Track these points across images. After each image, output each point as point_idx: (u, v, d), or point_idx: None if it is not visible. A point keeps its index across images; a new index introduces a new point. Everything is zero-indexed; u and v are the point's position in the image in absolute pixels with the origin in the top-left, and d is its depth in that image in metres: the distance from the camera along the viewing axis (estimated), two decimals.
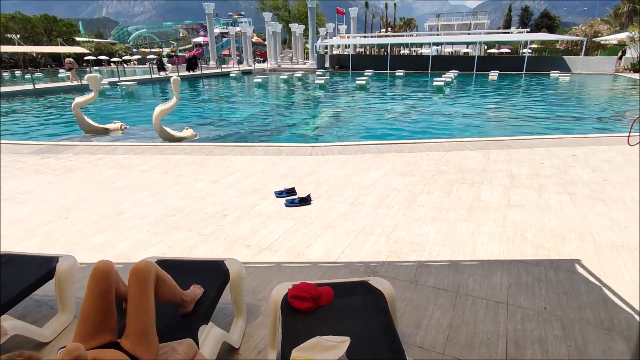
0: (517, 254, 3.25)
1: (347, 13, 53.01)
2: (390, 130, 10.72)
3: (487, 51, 51.21)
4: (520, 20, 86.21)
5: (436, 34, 58.04)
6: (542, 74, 31.04)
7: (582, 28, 47.32)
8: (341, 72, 36.95)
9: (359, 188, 4.86)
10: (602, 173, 5.40)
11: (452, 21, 73.01)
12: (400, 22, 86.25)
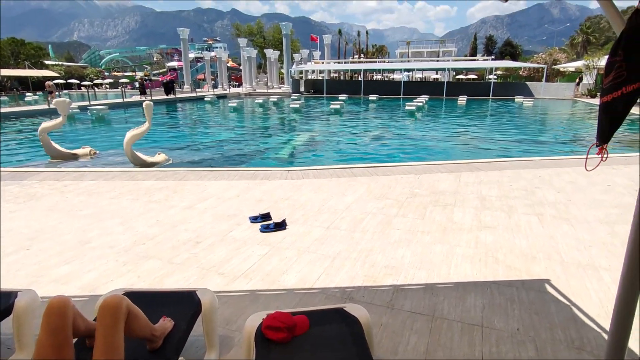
0: (489, 275, 3.30)
1: (321, 40, 54.49)
2: (364, 154, 10.89)
3: (455, 77, 53.42)
4: (485, 48, 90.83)
5: (407, 60, 60.27)
6: (507, 99, 32.56)
7: (542, 56, 50.28)
8: (316, 97, 37.57)
9: (334, 212, 4.87)
10: (566, 194, 5.63)
11: (421, 48, 76.17)
12: (372, 49, 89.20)
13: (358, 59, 68.69)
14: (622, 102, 1.40)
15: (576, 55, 51.56)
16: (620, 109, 1.42)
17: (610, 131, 1.51)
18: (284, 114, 23.59)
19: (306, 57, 52.85)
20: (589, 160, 1.78)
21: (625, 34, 1.38)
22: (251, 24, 68.05)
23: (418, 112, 22.33)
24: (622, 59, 1.37)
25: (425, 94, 32.92)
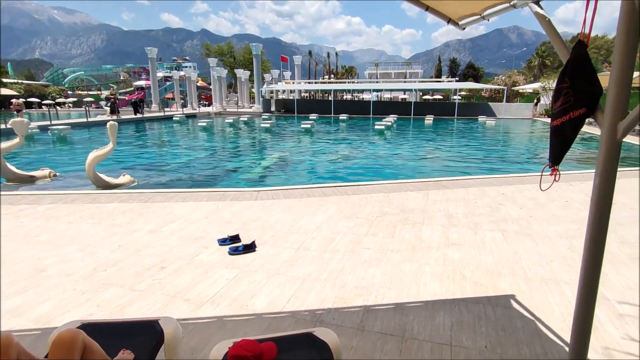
0: (457, 293, 3.35)
1: (292, 60, 55.22)
2: (335, 173, 10.96)
3: (422, 97, 55.21)
4: (450, 70, 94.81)
5: (376, 81, 61.93)
6: (471, 119, 33.88)
7: (502, 78, 52.90)
8: (287, 116, 37.76)
9: (304, 232, 4.83)
10: (528, 210, 5.85)
11: (389, 70, 78.53)
12: (342, 69, 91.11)
13: (328, 79, 69.94)
14: (570, 126, 1.48)
15: (533, 78, 54.62)
16: (569, 133, 1.50)
17: (561, 153, 1.59)
18: (254, 133, 23.52)
19: (277, 77, 53.32)
20: (544, 180, 1.86)
21: (570, 63, 1.47)
22: (221, 44, 68.16)
23: (387, 131, 22.83)
24: (569, 86, 1.46)
25: (394, 113, 33.81)
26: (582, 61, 1.45)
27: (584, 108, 1.44)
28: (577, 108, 1.45)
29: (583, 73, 1.44)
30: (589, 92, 1.44)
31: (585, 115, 1.46)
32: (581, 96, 1.44)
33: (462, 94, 50.96)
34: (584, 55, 1.45)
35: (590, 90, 1.44)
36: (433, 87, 50.18)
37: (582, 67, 1.44)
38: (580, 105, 1.44)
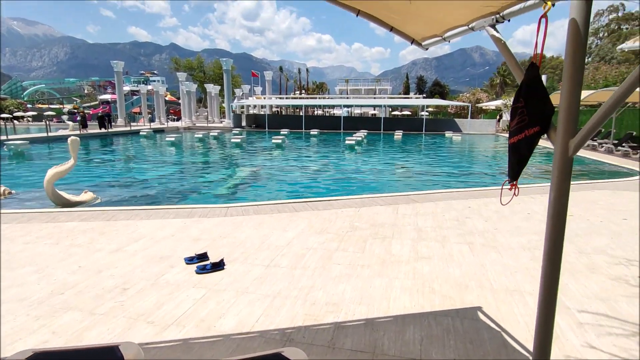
0: (427, 306, 3.38)
1: (262, 76, 55.40)
2: (306, 188, 10.95)
3: (391, 113, 56.55)
4: (417, 87, 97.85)
5: (346, 97, 62.98)
6: (438, 134, 34.96)
7: (467, 95, 55.15)
8: (258, 131, 37.64)
9: (275, 249, 4.77)
10: (493, 222, 6.04)
11: (359, 86, 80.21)
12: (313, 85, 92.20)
13: (299, 94, 70.52)
14: (526, 144, 1.56)
15: (495, 95, 57.26)
16: (525, 151, 1.57)
17: (519, 169, 1.65)
18: (224, 148, 23.24)
19: (247, 92, 53.24)
20: (505, 194, 1.92)
21: (524, 84, 1.55)
22: (191, 58, 67.56)
23: (358, 146, 23.14)
24: (523, 106, 1.54)
25: (364, 128, 34.39)
26: (535, 82, 1.53)
27: (537, 126, 1.52)
28: (531, 127, 1.52)
29: (536, 94, 1.52)
30: (541, 111, 1.52)
31: (539, 134, 1.53)
32: (535, 115, 1.52)
33: (429, 110, 52.62)
34: (537, 77, 1.53)
35: (542, 110, 1.52)
36: (402, 103, 51.54)
37: (534, 88, 1.52)
38: (534, 124, 1.52)
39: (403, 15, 2.15)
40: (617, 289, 3.83)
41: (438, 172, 14.58)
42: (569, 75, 1.42)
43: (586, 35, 1.38)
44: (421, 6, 1.89)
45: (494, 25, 1.84)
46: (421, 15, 2.09)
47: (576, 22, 1.36)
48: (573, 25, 1.37)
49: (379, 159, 18.54)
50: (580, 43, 1.39)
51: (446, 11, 1.93)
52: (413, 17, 2.16)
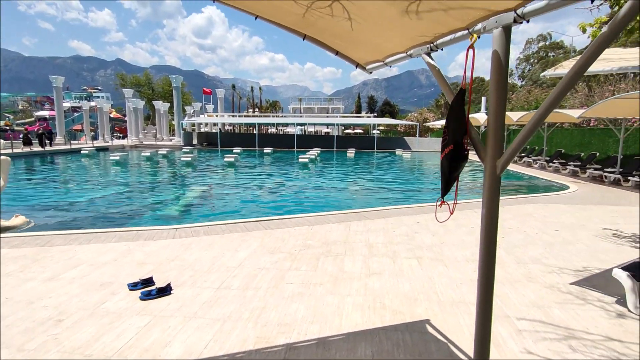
0: (377, 322, 3.43)
1: (215, 93, 54.68)
2: (259, 207, 10.83)
3: (344, 131, 57.86)
4: (368, 106, 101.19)
5: (300, 115, 63.63)
6: (389, 151, 36.17)
7: (415, 115, 57.81)
8: (210, 149, 36.87)
9: (226, 270, 4.65)
10: (440, 237, 6.30)
11: (312, 105, 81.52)
12: (266, 103, 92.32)
13: (252, 112, 70.25)
14: (446, 162, 1.69)
15: (441, 115, 60.49)
16: (446, 168, 1.70)
17: (445, 187, 1.78)
18: (174, 167, 22.48)
19: (199, 109, 52.21)
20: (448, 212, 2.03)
21: (450, 106, 1.68)
22: (138, 74, 65.33)
23: (311, 164, 23.34)
24: (446, 126, 1.68)
25: (317, 146, 34.85)
26: (456, 105, 1.68)
27: (451, 145, 1.65)
28: (448, 145, 1.66)
29: (454, 115, 1.66)
30: (455, 130, 1.66)
31: (453, 151, 1.67)
32: (452, 134, 1.66)
33: (380, 128, 54.49)
34: (459, 100, 1.67)
35: (455, 129, 1.66)
36: (354, 122, 52.98)
37: (455, 110, 1.66)
38: (450, 142, 1.66)
39: (346, 41, 2.25)
40: (551, 296, 4.12)
41: (389, 188, 15.02)
42: (494, 100, 1.55)
43: (507, 64, 1.52)
44: (362, 34, 1.99)
45: (429, 54, 1.97)
46: (363, 42, 2.20)
47: (498, 53, 1.50)
48: (495, 55, 1.51)
49: (332, 177, 18.79)
50: (503, 71, 1.53)
51: (385, 39, 2.05)
52: (356, 43, 2.26)
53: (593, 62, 1.23)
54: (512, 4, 1.39)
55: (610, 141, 17.32)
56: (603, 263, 5.18)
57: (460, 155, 1.68)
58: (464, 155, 1.69)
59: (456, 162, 1.68)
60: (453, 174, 1.72)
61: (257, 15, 2.22)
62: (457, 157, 1.67)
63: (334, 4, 1.68)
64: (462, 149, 1.67)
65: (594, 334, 3.33)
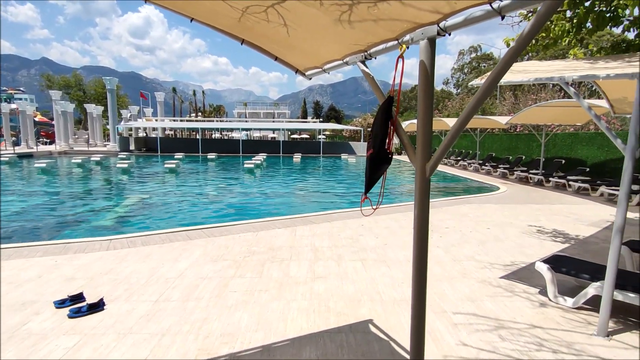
0: (322, 325, 3.46)
1: (153, 97, 52.23)
2: (202, 214, 10.49)
3: (290, 136, 57.90)
4: (314, 111, 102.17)
5: (245, 120, 62.70)
6: (335, 156, 36.76)
7: (359, 120, 59.26)
8: (149, 155, 35.11)
9: (165, 282, 4.44)
10: (383, 238, 6.50)
11: (258, 109, 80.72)
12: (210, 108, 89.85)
13: (195, 117, 68.08)
14: (370, 163, 1.79)
15: None
16: (367, 168, 1.81)
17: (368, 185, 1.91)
18: (109, 174, 21.12)
19: (136, 113, 49.57)
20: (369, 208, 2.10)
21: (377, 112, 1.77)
22: (67, 75, 60.69)
23: (257, 169, 23.07)
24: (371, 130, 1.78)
25: (263, 152, 34.54)
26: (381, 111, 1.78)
27: (371, 149, 1.76)
28: (369, 149, 1.77)
29: (378, 120, 1.75)
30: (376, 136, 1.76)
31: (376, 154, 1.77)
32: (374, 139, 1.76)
33: (326, 133, 55.18)
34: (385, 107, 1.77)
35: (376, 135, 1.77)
36: (300, 127, 53.18)
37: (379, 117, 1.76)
38: (371, 147, 1.76)
39: (284, 47, 2.26)
40: (483, 290, 4.41)
41: (335, 192, 15.25)
42: (422, 107, 1.64)
43: (432, 73, 1.62)
44: (299, 40, 2.02)
45: (364, 61, 2.04)
46: (300, 48, 2.22)
47: (424, 63, 1.59)
48: (422, 65, 1.60)
49: (278, 182, 18.70)
50: (429, 80, 1.62)
51: (321, 46, 2.10)
52: (293, 49, 2.29)
53: (505, 73, 1.35)
54: (434, 18, 1.48)
55: (534, 145, 18.96)
56: (528, 257, 5.64)
57: (381, 158, 1.78)
58: (384, 158, 1.79)
59: (378, 164, 1.78)
60: (374, 175, 1.82)
61: (192, 18, 2.17)
62: (380, 160, 1.77)
63: (269, 9, 1.69)
64: (381, 152, 1.77)
65: (520, 323, 3.61)
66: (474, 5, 1.30)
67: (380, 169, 1.79)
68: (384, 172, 1.84)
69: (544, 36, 6.27)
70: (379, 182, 1.92)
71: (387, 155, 1.77)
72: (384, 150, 1.75)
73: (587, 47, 8.25)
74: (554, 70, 4.21)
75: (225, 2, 1.68)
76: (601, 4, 5.39)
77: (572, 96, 3.65)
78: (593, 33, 5.88)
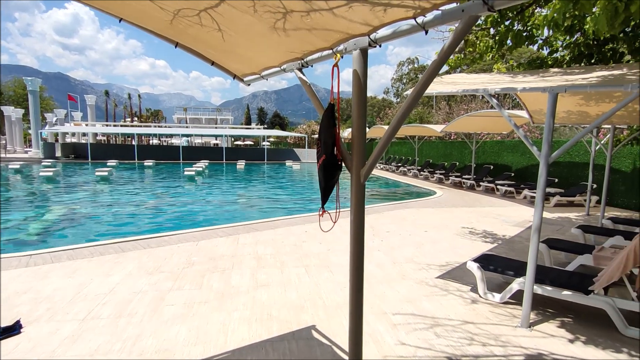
0: (264, 334, 3.41)
1: (83, 100, 48.73)
2: (137, 225, 9.91)
3: (234, 143, 56.82)
4: (258, 118, 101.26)
5: (185, 126, 60.52)
6: (279, 163, 36.64)
7: (304, 127, 59.69)
8: (78, 163, 32.59)
9: (94, 298, 4.13)
10: (327, 244, 6.56)
11: (199, 115, 78.33)
12: (147, 112, 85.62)
13: (131, 122, 64.48)
14: (322, 171, 1.79)
15: None
16: (321, 177, 1.81)
17: (324, 196, 1.87)
18: (30, 184, 19.28)
19: (63, 117, 45.88)
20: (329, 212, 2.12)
21: (322, 119, 1.79)
22: None
23: (198, 176, 22.32)
24: (319, 137, 1.78)
25: (205, 159, 33.53)
26: (327, 118, 1.79)
27: (324, 155, 1.77)
28: (321, 155, 1.77)
29: (325, 128, 1.77)
30: (326, 142, 1.78)
31: (326, 161, 1.79)
32: (325, 145, 1.77)
33: (270, 140, 54.88)
34: (329, 114, 1.79)
35: (326, 141, 1.78)
36: (244, 133, 52.39)
37: (326, 123, 1.78)
38: (323, 153, 1.77)
39: (220, 52, 2.22)
40: (421, 290, 4.61)
41: (279, 199, 15.17)
42: (356, 115, 1.69)
43: (365, 82, 1.68)
44: (235, 46, 2.00)
45: (301, 69, 2.07)
46: (237, 54, 2.20)
47: (357, 72, 1.65)
48: (355, 74, 1.66)
49: (221, 189, 18.22)
50: (362, 88, 1.68)
51: (258, 52, 2.09)
52: (230, 55, 2.26)
53: (429, 84, 1.44)
54: (365, 30, 1.54)
55: (466, 152, 20.28)
56: (461, 257, 6.00)
57: (333, 164, 1.79)
58: (338, 164, 1.81)
59: (330, 171, 1.79)
60: (329, 182, 1.82)
61: (121, 18, 2.06)
62: (331, 166, 1.78)
63: (202, 13, 1.65)
64: (334, 158, 1.78)
65: (454, 320, 3.82)
66: (400, 20, 1.37)
67: (334, 175, 1.80)
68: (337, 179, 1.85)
69: (471, 51, 6.76)
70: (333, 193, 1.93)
71: (337, 161, 1.78)
72: (334, 156, 1.76)
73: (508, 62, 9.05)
74: (479, 83, 4.55)
75: (154, 2, 1.62)
76: (519, 23, 5.93)
77: (495, 107, 3.97)
78: (513, 50, 6.46)
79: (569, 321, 3.87)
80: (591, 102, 5.71)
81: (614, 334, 3.61)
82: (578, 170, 13.19)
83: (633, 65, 5.22)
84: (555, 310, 4.11)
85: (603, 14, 3.09)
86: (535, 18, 6.09)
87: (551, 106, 3.33)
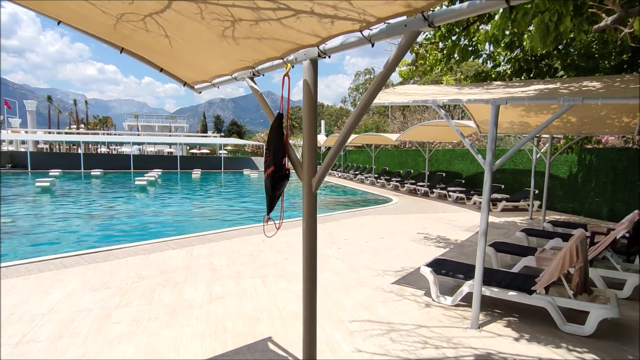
0: (219, 349, 3.31)
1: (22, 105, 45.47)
2: (81, 239, 9.33)
3: (189, 151, 55.19)
4: (215, 126, 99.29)
5: (137, 133, 58.07)
6: (237, 171, 36.04)
7: (262, 135, 59.30)
8: (16, 172, 30.24)
9: (30, 319, 3.81)
10: (283, 253, 6.51)
11: (152, 122, 75.47)
12: (94, 119, 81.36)
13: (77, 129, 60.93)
14: (269, 181, 1.79)
15: None
16: (268, 187, 1.81)
17: (269, 204, 1.88)
18: None
19: None
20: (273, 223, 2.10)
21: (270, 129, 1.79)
22: None
23: (150, 186, 21.44)
24: (267, 148, 1.78)
25: (158, 167, 32.28)
26: (275, 128, 1.80)
27: (272, 166, 1.77)
28: (270, 166, 1.77)
29: (275, 138, 1.77)
30: (275, 153, 1.78)
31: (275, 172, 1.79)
32: (273, 156, 1.78)
33: (227, 148, 53.89)
34: (278, 124, 1.79)
35: (275, 151, 1.78)
36: (200, 141, 51.10)
37: (274, 134, 1.78)
38: (272, 163, 1.77)
39: (169, 58, 2.16)
40: (377, 296, 4.68)
41: (236, 209, 14.89)
42: (307, 124, 1.70)
43: (316, 92, 1.69)
44: (183, 52, 1.95)
45: (252, 78, 2.05)
46: (186, 61, 2.15)
47: (307, 82, 1.66)
48: (305, 84, 1.67)
49: (174, 200, 17.60)
50: (313, 98, 1.69)
51: (208, 60, 2.05)
52: (179, 61, 2.20)
53: (377, 95, 1.47)
54: (314, 41, 1.56)
55: (420, 160, 21.00)
56: (415, 262, 6.16)
57: (282, 175, 1.78)
58: (285, 175, 1.80)
59: (278, 181, 1.78)
60: (276, 192, 1.81)
61: (59, 21, 1.95)
62: (279, 176, 1.77)
63: (147, 19, 1.60)
64: (282, 169, 1.78)
65: (408, 324, 3.90)
66: (347, 32, 1.40)
67: (281, 186, 1.80)
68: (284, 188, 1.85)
69: (422, 63, 7.06)
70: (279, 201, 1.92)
71: (285, 171, 1.78)
72: (283, 167, 1.76)
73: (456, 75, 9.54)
74: (429, 94, 4.75)
75: (95, 6, 1.54)
76: (465, 39, 6.28)
77: (443, 117, 4.15)
78: (460, 63, 6.82)
79: (515, 320, 4.08)
80: (531, 113, 6.14)
81: (554, 330, 3.84)
82: (522, 177, 14.06)
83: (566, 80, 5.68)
84: (502, 311, 4.32)
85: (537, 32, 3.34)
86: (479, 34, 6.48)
87: (494, 117, 3.53)
